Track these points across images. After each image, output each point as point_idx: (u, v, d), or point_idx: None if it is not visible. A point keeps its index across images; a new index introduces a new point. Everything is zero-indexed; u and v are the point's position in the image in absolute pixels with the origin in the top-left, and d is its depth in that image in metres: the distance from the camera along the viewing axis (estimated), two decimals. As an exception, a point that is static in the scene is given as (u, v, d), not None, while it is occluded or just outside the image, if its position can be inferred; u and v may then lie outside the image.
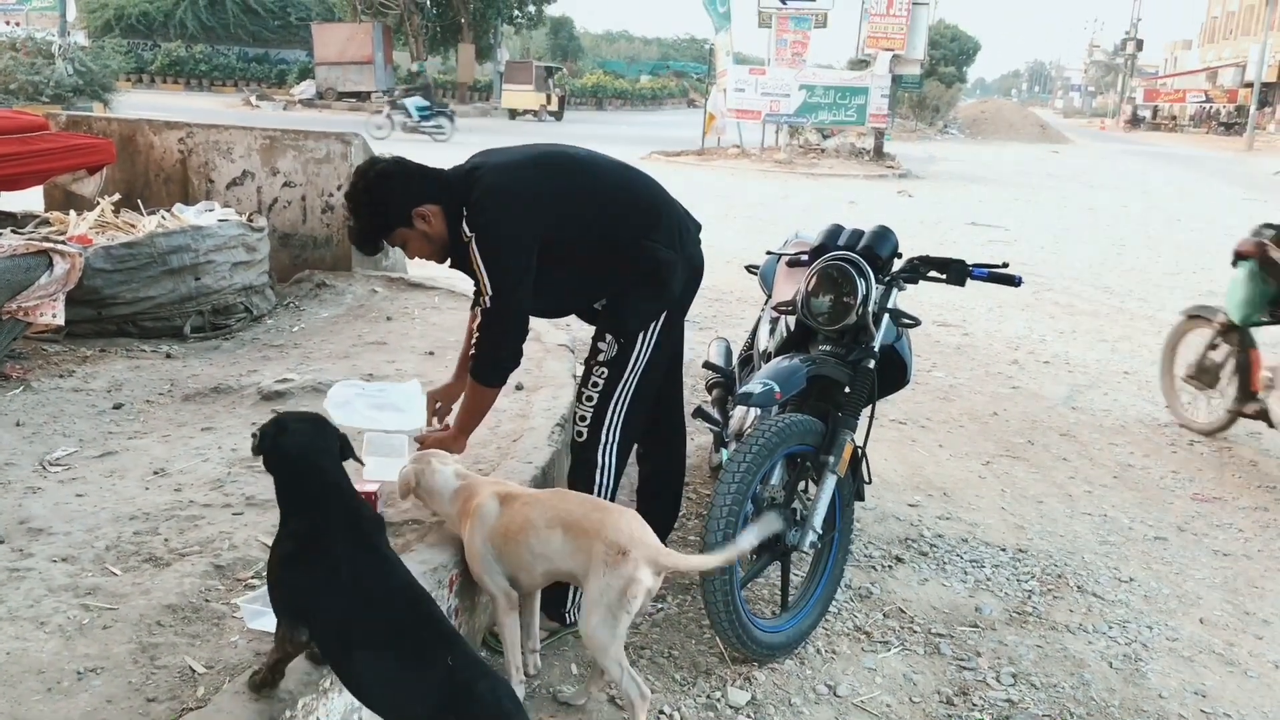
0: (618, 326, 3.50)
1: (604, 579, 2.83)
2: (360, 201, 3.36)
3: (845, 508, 3.76)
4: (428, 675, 2.29)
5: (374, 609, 2.40)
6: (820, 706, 3.36)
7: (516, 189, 3.34)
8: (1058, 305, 9.94)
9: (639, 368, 3.51)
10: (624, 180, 3.57)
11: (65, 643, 2.79)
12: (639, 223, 3.48)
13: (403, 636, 2.35)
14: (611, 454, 3.54)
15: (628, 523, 2.93)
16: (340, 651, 2.40)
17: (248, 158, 7.20)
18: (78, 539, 3.39)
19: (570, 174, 3.49)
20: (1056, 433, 6.24)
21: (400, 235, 3.38)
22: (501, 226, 3.28)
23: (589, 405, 3.53)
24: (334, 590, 2.40)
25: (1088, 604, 4.15)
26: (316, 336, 5.99)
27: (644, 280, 3.49)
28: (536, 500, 3.08)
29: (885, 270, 3.79)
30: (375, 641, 2.35)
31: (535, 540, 2.96)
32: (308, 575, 2.43)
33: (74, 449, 4.18)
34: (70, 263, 2.88)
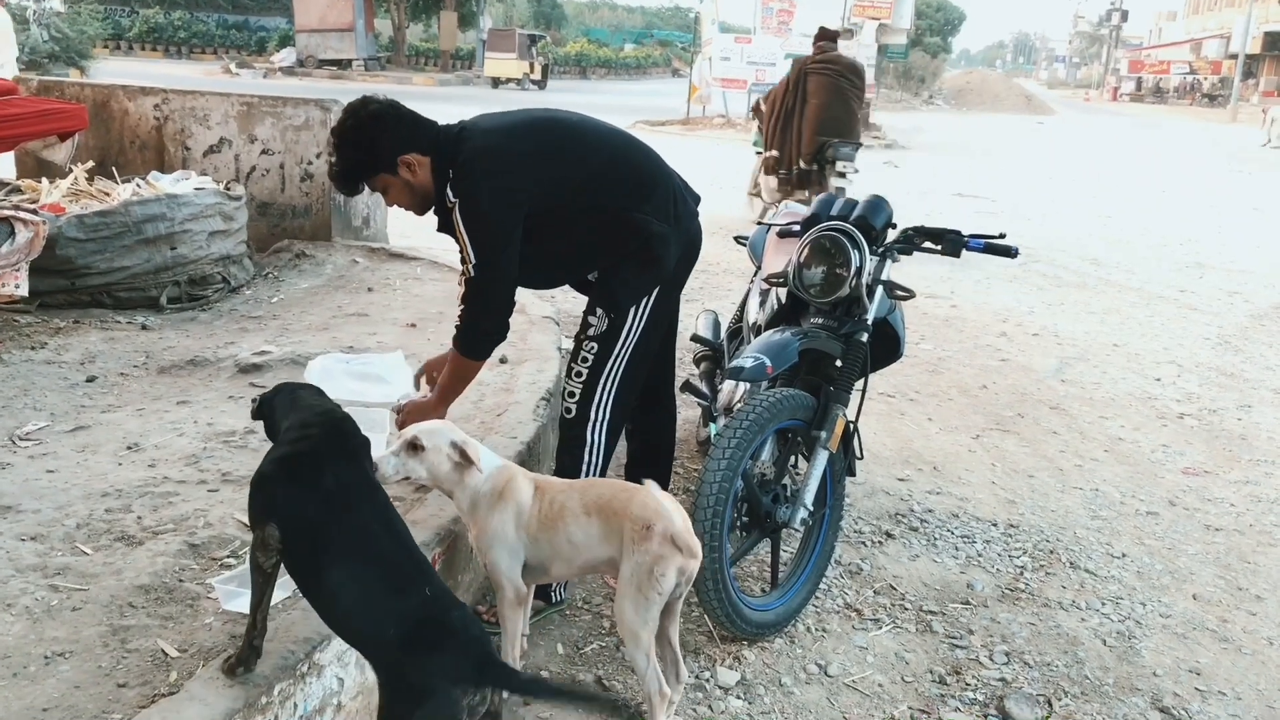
0: (608, 300, 3.39)
1: (633, 558, 2.73)
2: (347, 138, 3.23)
3: (836, 483, 3.68)
4: (404, 602, 2.24)
5: (352, 523, 2.33)
6: (811, 686, 3.29)
7: (504, 155, 3.22)
8: (1045, 277, 9.88)
9: (630, 343, 3.40)
10: (617, 148, 3.44)
11: (33, 625, 2.70)
12: (630, 194, 3.35)
13: (381, 559, 2.31)
14: (601, 431, 3.44)
15: (656, 498, 2.83)
16: (311, 565, 2.32)
17: (225, 125, 7.04)
18: (47, 516, 3.29)
19: (561, 140, 3.36)
20: (1046, 406, 6.18)
21: (382, 180, 3.25)
22: (487, 194, 3.15)
23: (578, 381, 3.42)
24: (314, 495, 2.33)
25: (1080, 580, 4.09)
26: (295, 308, 5.87)
27: (635, 254, 3.37)
28: (570, 488, 2.96)
29: (879, 241, 3.70)
30: (351, 559, 2.29)
31: (575, 528, 2.84)
32: (289, 478, 2.36)
33: (45, 423, 4.07)
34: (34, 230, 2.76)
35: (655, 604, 2.75)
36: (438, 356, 3.62)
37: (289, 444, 2.42)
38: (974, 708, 3.24)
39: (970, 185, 16.68)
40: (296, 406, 2.51)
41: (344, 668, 2.67)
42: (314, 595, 2.34)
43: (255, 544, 2.36)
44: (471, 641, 2.24)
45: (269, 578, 2.37)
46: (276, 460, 2.40)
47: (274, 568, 2.36)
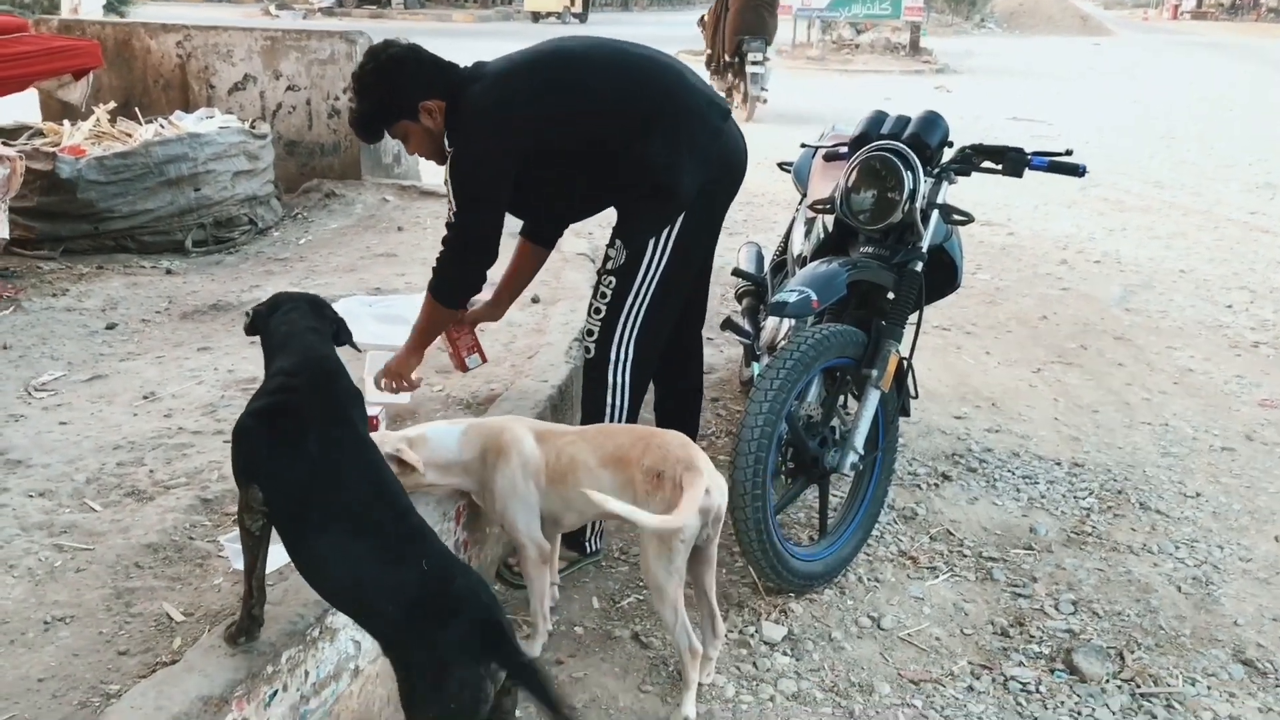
0: (625, 232, 3.19)
1: (647, 507, 2.53)
2: (368, 83, 3.11)
3: (889, 425, 3.44)
4: (402, 573, 2.05)
5: (339, 488, 2.13)
6: (863, 640, 3.08)
7: (499, 107, 3.04)
8: (1106, 201, 9.45)
9: (653, 278, 3.15)
10: (622, 76, 3.16)
11: (34, 588, 2.56)
12: (632, 127, 3.09)
13: (371, 529, 2.11)
14: (624, 373, 3.20)
15: (665, 443, 2.64)
16: (297, 533, 2.14)
17: (249, 60, 6.82)
18: (57, 471, 3.15)
19: (562, 75, 3.14)
20: (1110, 336, 5.86)
21: (403, 128, 3.13)
22: (476, 149, 3.04)
23: (597, 319, 3.20)
24: (298, 454, 2.12)
25: (1151, 522, 3.83)
26: (324, 249, 5.69)
27: (646, 189, 3.14)
28: (582, 436, 2.78)
29: (934, 161, 3.41)
30: (339, 529, 2.10)
31: (589, 481, 2.64)
32: (270, 435, 2.15)
33: (62, 373, 3.94)
34: (9, 166, 2.57)
35: (680, 553, 2.57)
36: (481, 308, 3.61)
37: (270, 394, 2.20)
38: (1039, 662, 3.02)
39: (1025, 109, 16.10)
40: (288, 340, 2.27)
41: (359, 630, 2.48)
42: (303, 565, 2.15)
43: (240, 505, 2.18)
44: (479, 610, 2.05)
45: (258, 540, 2.18)
46: (256, 413, 2.19)
47: (262, 530, 2.16)
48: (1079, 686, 2.92)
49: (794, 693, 2.83)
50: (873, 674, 2.93)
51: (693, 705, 2.68)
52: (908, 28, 25.57)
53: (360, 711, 2.52)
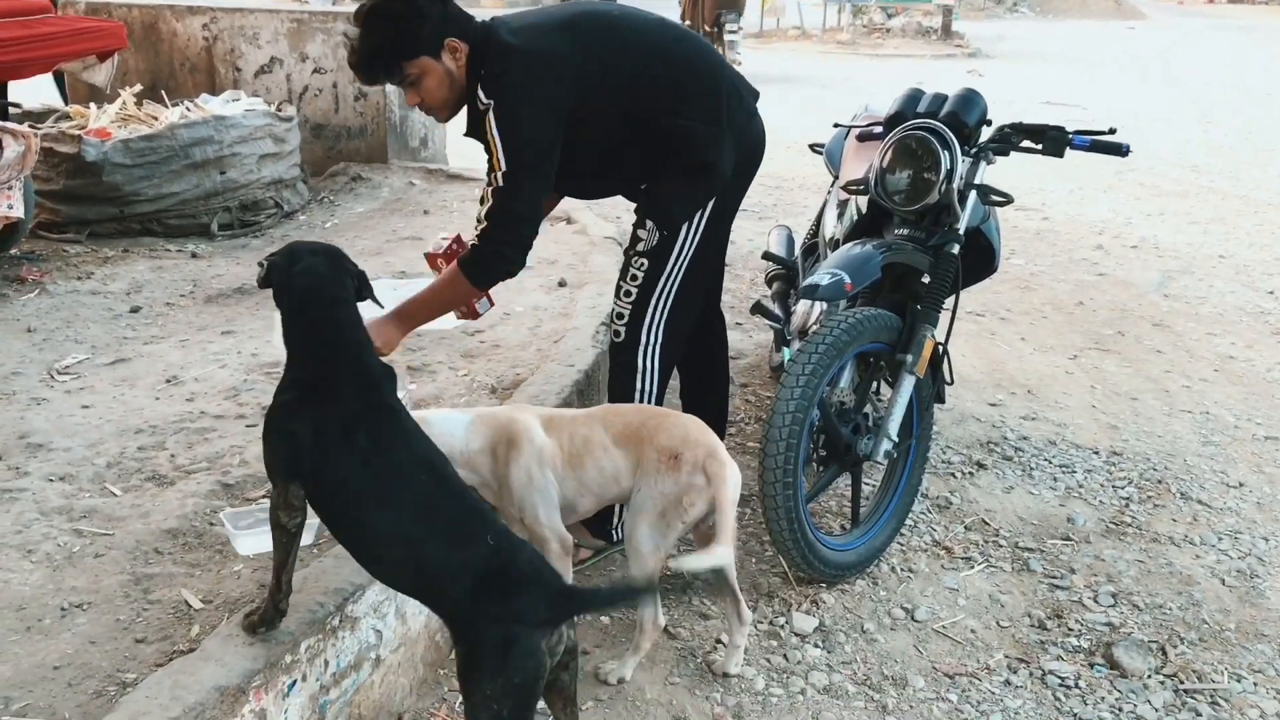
0: (659, 213, 3.05)
1: (656, 486, 2.52)
2: (386, 10, 2.73)
3: (924, 411, 3.35)
4: (467, 553, 2.01)
5: (396, 477, 2.08)
6: (896, 632, 3.00)
7: (543, 53, 2.84)
8: (1143, 186, 9.28)
9: (684, 259, 3.07)
10: (659, 44, 3.05)
11: (52, 574, 2.52)
12: (672, 95, 2.98)
13: (434, 512, 2.07)
14: (654, 357, 3.12)
15: (684, 426, 2.59)
16: (353, 524, 2.10)
17: (275, 43, 6.78)
18: (78, 455, 3.12)
19: (602, 37, 2.96)
20: (1149, 323, 5.73)
21: (421, 66, 2.76)
22: (525, 95, 2.78)
23: (627, 301, 3.10)
24: (348, 449, 2.06)
25: (1193, 512, 3.73)
26: (349, 232, 5.64)
27: (684, 163, 3.02)
28: (590, 417, 2.70)
29: (971, 140, 3.31)
30: (400, 517, 2.06)
31: (606, 461, 2.60)
32: (315, 428, 2.07)
33: (85, 356, 3.91)
34: (24, 144, 2.53)
35: (675, 532, 2.57)
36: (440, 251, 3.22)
37: (303, 384, 2.12)
38: (1078, 655, 2.94)
39: (1059, 93, 15.85)
40: (310, 308, 2.15)
41: (382, 619, 2.44)
42: (359, 552, 2.12)
43: (276, 501, 2.11)
44: (543, 581, 2.03)
45: (293, 537, 2.12)
46: (292, 406, 2.11)
47: (298, 527, 2.12)
48: (1120, 682, 2.83)
49: (825, 686, 2.76)
50: (906, 667, 2.86)
51: (631, 669, 2.69)
52: (939, 11, 25.28)
53: (381, 702, 2.47)
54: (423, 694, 2.62)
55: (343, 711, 2.33)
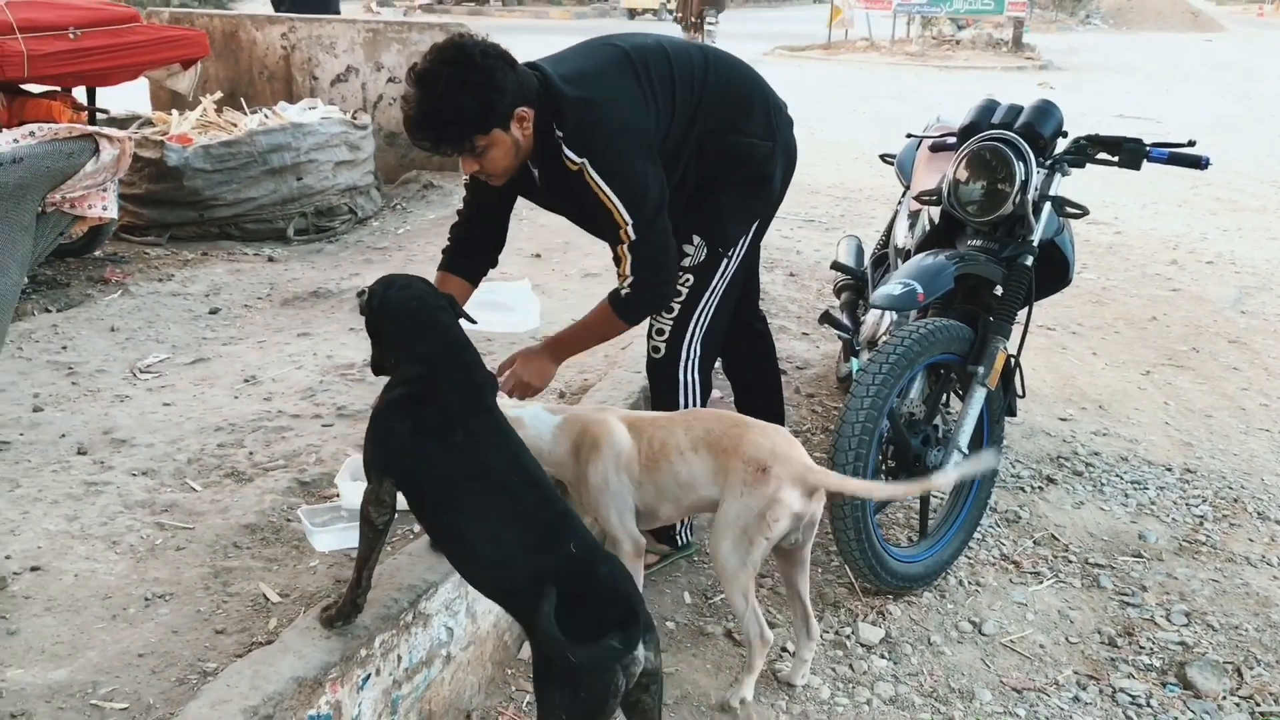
0: (714, 230, 3.00)
1: (741, 500, 2.49)
2: (466, 81, 2.53)
3: (994, 424, 3.33)
4: (547, 560, 2.04)
5: (488, 477, 2.13)
6: (963, 646, 2.98)
7: (618, 96, 2.78)
8: (1219, 201, 9.10)
9: (728, 275, 3.05)
10: (705, 64, 3.01)
11: (136, 565, 2.59)
12: (729, 113, 2.97)
13: (520, 516, 2.10)
14: (694, 371, 3.11)
15: (770, 437, 2.56)
16: (442, 521, 2.16)
17: (351, 52, 6.91)
18: (160, 451, 3.20)
19: (658, 69, 2.90)
20: (1225, 339, 5.62)
21: (491, 139, 2.60)
22: (618, 140, 2.72)
23: (668, 318, 3.03)
24: (444, 448, 2.13)
25: (1270, 532, 3.66)
26: (421, 239, 5.73)
27: (742, 178, 3.01)
28: (671, 423, 2.69)
29: (1047, 152, 3.28)
30: (486, 517, 2.10)
31: (681, 466, 2.59)
32: (415, 425, 2.15)
33: (166, 355, 4.01)
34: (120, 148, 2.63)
35: (760, 549, 2.51)
36: None
37: (408, 383, 2.19)
38: (1150, 674, 2.90)
39: (1132, 107, 15.62)
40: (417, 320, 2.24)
41: (453, 616, 2.48)
42: (449, 551, 2.18)
43: (368, 496, 2.17)
44: (620, 600, 2.02)
45: (379, 533, 2.19)
46: (395, 403, 2.18)
47: (386, 525, 2.18)
48: (1193, 702, 2.79)
49: (891, 697, 2.75)
50: (973, 680, 2.83)
51: (750, 689, 2.65)
52: (1010, 23, 25.03)
53: (451, 699, 2.51)
54: (490, 693, 2.66)
55: (414, 707, 2.37)
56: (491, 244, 3.14)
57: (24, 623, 2.33)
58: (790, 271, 6.17)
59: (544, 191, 2.90)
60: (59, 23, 4.56)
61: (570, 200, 2.84)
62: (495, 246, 3.15)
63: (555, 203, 2.97)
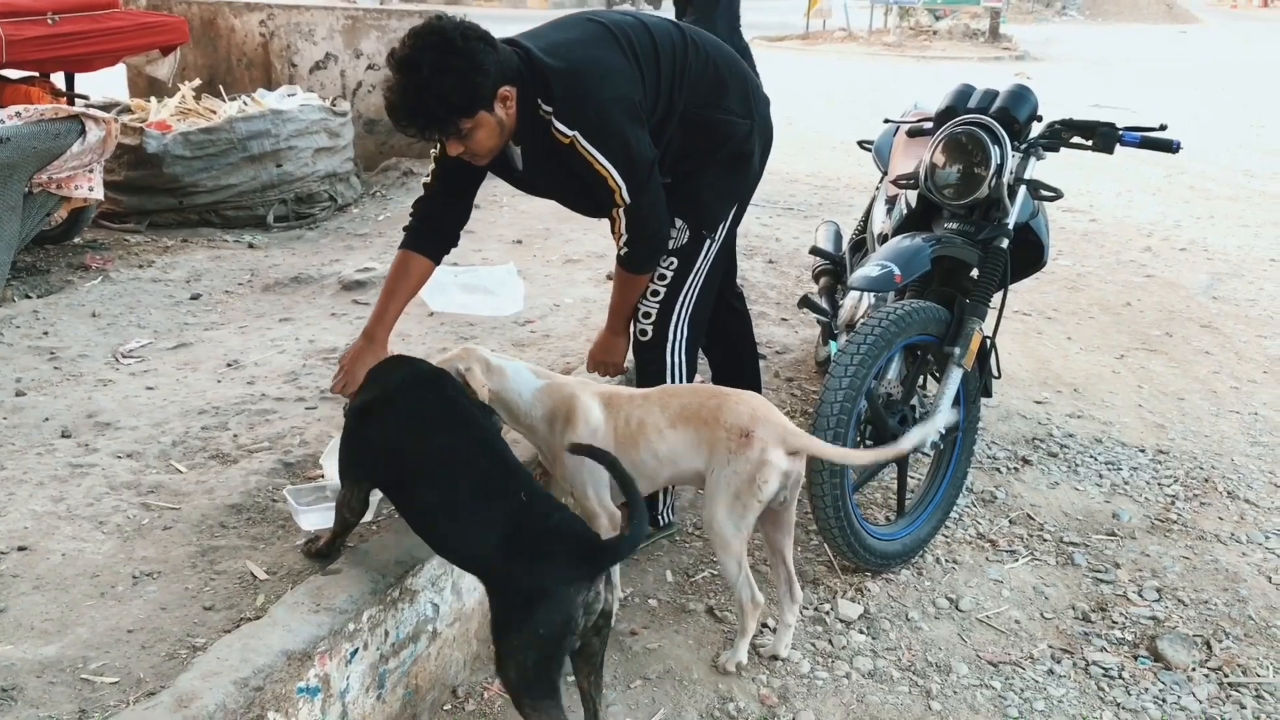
0: (695, 211, 3.02)
1: (729, 466, 2.53)
2: (446, 65, 2.48)
3: (970, 405, 3.38)
4: (499, 508, 2.16)
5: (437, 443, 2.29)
6: (940, 621, 3.04)
7: (604, 65, 2.78)
8: (1192, 189, 9.21)
9: (710, 256, 3.08)
10: (685, 40, 3.02)
11: (123, 544, 2.61)
12: (709, 89, 2.98)
13: (470, 472, 2.22)
14: (681, 352, 3.14)
15: (748, 403, 2.60)
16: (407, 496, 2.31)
17: (330, 39, 6.90)
18: (144, 434, 3.22)
19: (639, 41, 2.90)
20: (1197, 324, 5.70)
21: (477, 121, 2.58)
22: (609, 109, 2.71)
23: (654, 301, 3.07)
24: (406, 436, 2.30)
25: (1240, 511, 3.73)
26: (402, 225, 5.72)
27: (723, 158, 3.03)
28: (647, 399, 2.72)
29: (1022, 136, 3.33)
30: (440, 478, 2.24)
31: (659, 442, 2.63)
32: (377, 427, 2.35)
33: (148, 340, 4.02)
34: (105, 129, 2.62)
35: (753, 512, 2.57)
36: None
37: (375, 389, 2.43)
38: (1122, 648, 2.96)
39: (1108, 97, 15.73)
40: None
41: (439, 593, 2.52)
42: (418, 526, 2.28)
43: (342, 501, 2.38)
44: (576, 537, 2.13)
45: (350, 527, 2.44)
46: (354, 411, 2.42)
47: (356, 522, 2.43)
48: (1164, 674, 2.85)
49: (870, 670, 2.80)
50: (950, 654, 2.89)
51: (745, 653, 2.72)
52: (987, 14, 25.14)
53: (437, 674, 2.54)
54: (476, 669, 2.69)
55: (401, 681, 2.40)
56: (456, 223, 3.11)
57: (12, 601, 2.35)
58: (769, 258, 6.21)
59: (526, 169, 2.90)
60: (37, 8, 4.55)
61: (558, 175, 2.83)
62: (459, 225, 3.12)
63: (538, 180, 2.95)
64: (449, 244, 3.11)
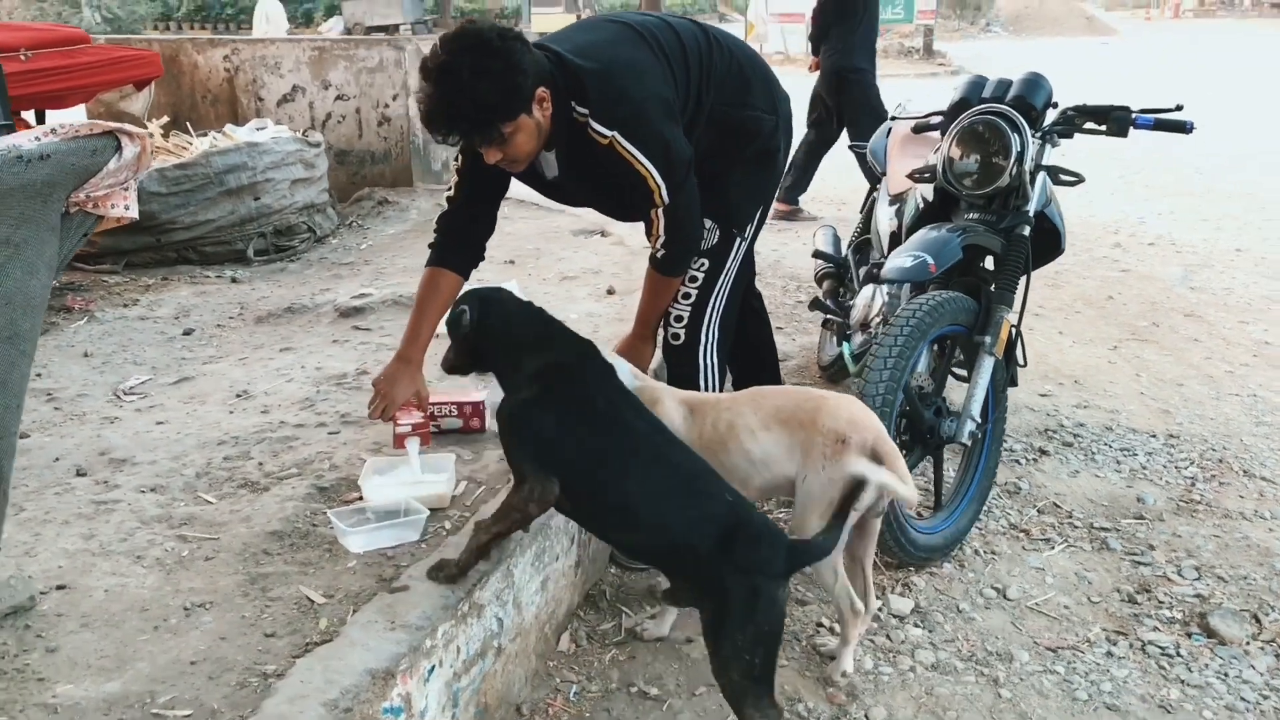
0: (723, 211, 3.00)
1: (824, 473, 2.43)
2: (486, 68, 2.43)
3: (999, 394, 3.38)
4: (710, 508, 2.14)
5: (641, 444, 2.23)
6: (991, 611, 3.01)
7: (637, 65, 2.75)
8: (1148, 188, 9.39)
9: (739, 255, 3.07)
10: (708, 37, 3.00)
11: (166, 577, 2.50)
12: (736, 87, 2.97)
13: (679, 470, 2.21)
14: (713, 354, 3.11)
15: (846, 407, 2.52)
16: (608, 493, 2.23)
17: (297, 72, 6.82)
18: (164, 467, 3.11)
19: (666, 41, 2.88)
20: (1180, 314, 5.79)
21: (517, 125, 2.54)
22: (645, 108, 2.68)
23: (686, 304, 3.05)
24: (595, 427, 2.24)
25: (1259, 488, 3.76)
26: (387, 252, 5.66)
27: (752, 156, 3.02)
28: (736, 402, 2.64)
29: (1038, 123, 3.35)
30: (650, 474, 2.20)
31: (752, 445, 2.53)
32: (556, 416, 2.25)
33: (148, 377, 3.90)
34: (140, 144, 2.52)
35: (849, 521, 2.48)
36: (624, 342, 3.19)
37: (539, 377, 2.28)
38: (1173, 626, 2.95)
39: (1047, 105, 16.05)
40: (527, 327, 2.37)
41: (503, 607, 2.44)
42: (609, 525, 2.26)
43: (529, 494, 2.22)
44: (779, 537, 2.15)
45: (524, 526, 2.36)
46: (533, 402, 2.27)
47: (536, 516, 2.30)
48: (1220, 649, 2.84)
49: (933, 663, 2.77)
50: (1008, 643, 2.86)
51: (850, 662, 2.66)
52: (921, 32, 25.62)
53: (503, 691, 2.47)
54: (536, 685, 2.62)
55: (472, 700, 2.32)
56: (482, 235, 3.06)
57: (63, 640, 2.24)
58: (753, 270, 6.20)
59: (562, 175, 2.84)
60: (9, 44, 4.43)
61: (596, 177, 2.78)
62: (485, 237, 3.08)
63: (573, 185, 2.90)
64: (476, 257, 3.06)
